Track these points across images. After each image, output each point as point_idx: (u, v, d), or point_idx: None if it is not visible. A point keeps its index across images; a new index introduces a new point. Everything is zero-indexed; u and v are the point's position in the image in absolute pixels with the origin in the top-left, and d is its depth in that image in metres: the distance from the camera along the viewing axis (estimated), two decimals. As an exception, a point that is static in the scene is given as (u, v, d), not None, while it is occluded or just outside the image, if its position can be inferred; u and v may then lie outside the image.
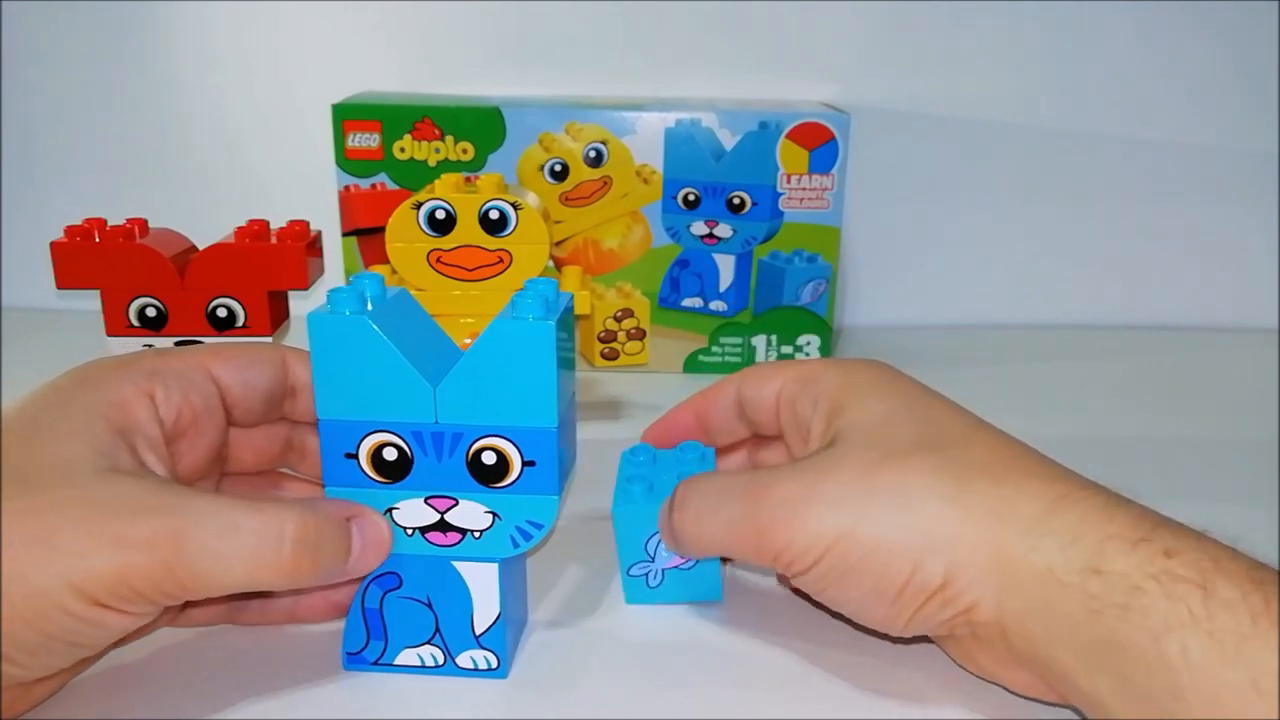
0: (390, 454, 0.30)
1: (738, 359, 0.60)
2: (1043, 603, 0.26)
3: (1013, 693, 0.30)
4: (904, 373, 0.33)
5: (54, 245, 0.43)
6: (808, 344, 0.60)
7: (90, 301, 0.45)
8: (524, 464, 0.29)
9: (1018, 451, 0.30)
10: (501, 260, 0.45)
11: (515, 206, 0.44)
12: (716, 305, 0.59)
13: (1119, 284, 0.71)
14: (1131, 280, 0.71)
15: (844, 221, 0.57)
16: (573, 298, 0.31)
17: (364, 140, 0.55)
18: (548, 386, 0.28)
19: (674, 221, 0.57)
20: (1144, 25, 0.66)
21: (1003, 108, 0.67)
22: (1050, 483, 0.28)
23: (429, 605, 0.31)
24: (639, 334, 0.58)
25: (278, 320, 0.45)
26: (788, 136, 0.55)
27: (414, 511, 0.30)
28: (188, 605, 0.32)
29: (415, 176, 0.55)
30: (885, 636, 0.32)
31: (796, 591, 0.35)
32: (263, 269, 0.43)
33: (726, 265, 0.58)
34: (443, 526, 0.30)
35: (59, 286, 0.43)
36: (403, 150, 0.55)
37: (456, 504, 0.30)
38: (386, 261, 0.45)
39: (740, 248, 0.58)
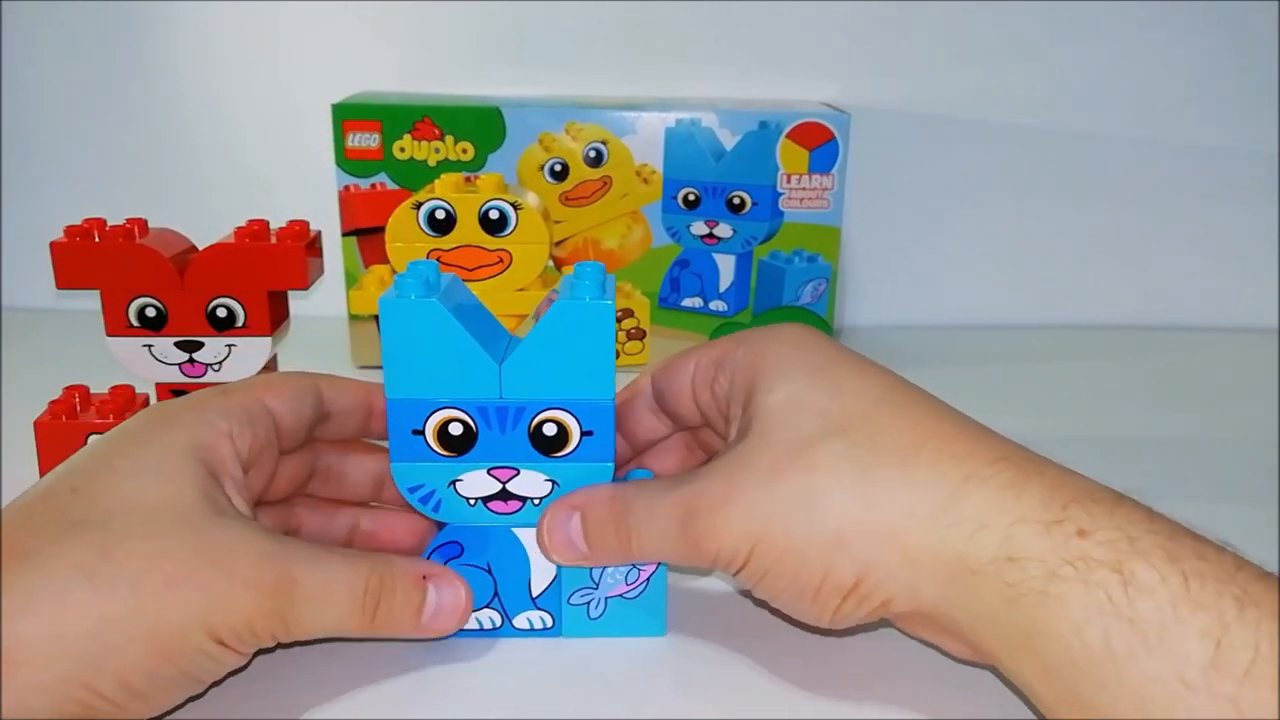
0: (456, 429, 0.31)
1: (738, 359, 0.60)
2: (959, 591, 0.26)
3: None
4: (816, 334, 0.32)
5: (54, 245, 0.43)
6: (808, 344, 0.59)
7: (90, 301, 0.45)
8: (582, 434, 0.31)
9: (927, 425, 0.29)
10: (501, 260, 0.45)
11: (515, 206, 0.44)
12: (716, 305, 0.59)
13: (1119, 284, 0.71)
14: (1132, 280, 0.71)
15: (844, 221, 0.57)
16: (615, 278, 0.33)
17: (364, 140, 0.55)
18: (607, 362, 0.30)
19: (674, 221, 0.57)
20: (1144, 25, 0.66)
21: (1003, 108, 0.67)
22: (958, 462, 0.27)
23: (489, 571, 0.33)
24: (639, 334, 0.58)
25: (277, 320, 0.45)
26: (788, 136, 0.55)
27: (477, 482, 0.32)
28: None
29: (415, 176, 0.55)
30: (825, 631, 0.31)
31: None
32: (263, 269, 0.43)
33: (726, 265, 0.58)
34: (504, 495, 0.32)
35: (59, 286, 0.43)
36: (403, 150, 0.55)
37: (518, 473, 0.32)
38: (386, 261, 0.45)
39: (740, 248, 0.58)
